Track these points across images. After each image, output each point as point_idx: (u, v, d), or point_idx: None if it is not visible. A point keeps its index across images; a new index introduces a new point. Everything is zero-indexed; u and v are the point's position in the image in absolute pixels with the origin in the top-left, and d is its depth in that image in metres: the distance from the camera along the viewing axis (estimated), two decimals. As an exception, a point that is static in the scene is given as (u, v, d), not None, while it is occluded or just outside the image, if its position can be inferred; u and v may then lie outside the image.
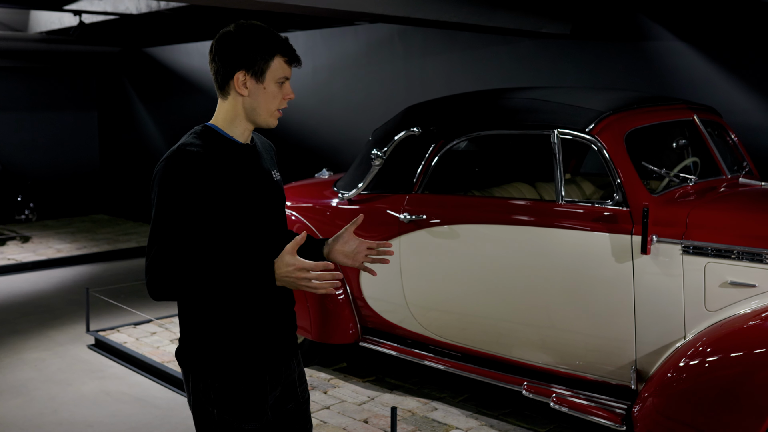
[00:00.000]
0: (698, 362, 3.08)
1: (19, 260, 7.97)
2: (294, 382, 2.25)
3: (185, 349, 2.12)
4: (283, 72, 2.07)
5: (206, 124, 2.11)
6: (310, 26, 7.47)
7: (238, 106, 2.08)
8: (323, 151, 7.81)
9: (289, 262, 1.94)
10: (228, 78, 2.06)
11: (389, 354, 4.27)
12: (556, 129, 3.59)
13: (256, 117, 2.08)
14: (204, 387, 2.08)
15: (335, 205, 4.51)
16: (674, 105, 3.93)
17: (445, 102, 4.34)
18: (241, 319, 2.08)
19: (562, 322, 3.58)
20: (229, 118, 2.09)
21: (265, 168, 2.16)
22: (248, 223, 2.05)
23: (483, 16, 4.76)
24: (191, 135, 2.06)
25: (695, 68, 5.16)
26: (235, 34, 2.05)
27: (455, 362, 4.00)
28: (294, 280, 1.94)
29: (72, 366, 4.96)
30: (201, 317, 2.07)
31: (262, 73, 2.04)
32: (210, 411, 2.07)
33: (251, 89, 2.05)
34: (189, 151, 1.98)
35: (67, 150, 11.06)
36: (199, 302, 2.04)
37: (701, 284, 3.18)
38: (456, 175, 4.36)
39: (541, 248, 3.60)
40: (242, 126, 2.10)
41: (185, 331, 2.12)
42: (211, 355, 2.07)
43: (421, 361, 4.13)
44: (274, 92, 2.07)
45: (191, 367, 2.10)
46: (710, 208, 3.35)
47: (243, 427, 2.07)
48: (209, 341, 2.07)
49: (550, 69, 5.89)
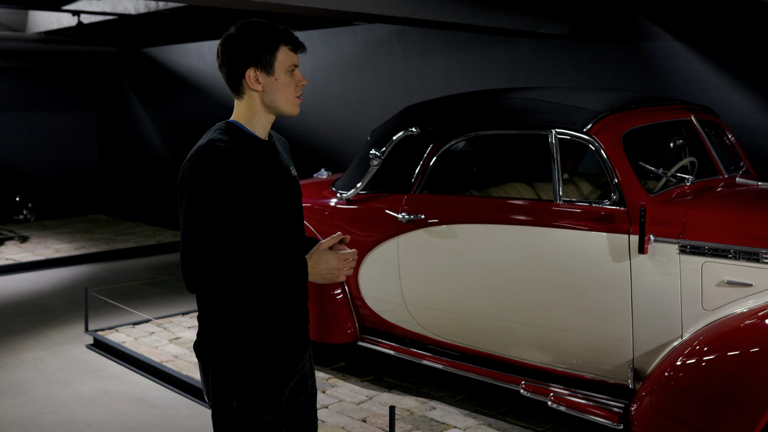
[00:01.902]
0: (695, 361, 3.09)
1: (17, 260, 7.98)
2: (305, 375, 2.30)
3: (205, 343, 2.15)
4: (290, 60, 2.11)
5: (229, 121, 2.16)
6: (308, 26, 7.47)
7: (255, 103, 2.12)
8: (322, 151, 7.81)
9: (331, 258, 2.09)
10: (240, 78, 2.10)
11: (387, 353, 4.29)
12: (553, 129, 3.61)
13: (278, 108, 2.13)
14: (224, 380, 2.12)
15: (333, 205, 4.52)
16: (671, 105, 3.95)
17: (444, 102, 4.36)
18: (261, 313, 2.11)
19: (559, 322, 3.59)
20: (249, 115, 2.14)
21: (284, 164, 2.21)
22: (272, 217, 2.10)
23: (481, 16, 4.77)
24: (216, 131, 2.10)
25: (693, 68, 5.18)
26: (237, 35, 2.09)
27: (453, 361, 4.01)
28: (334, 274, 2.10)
29: (71, 366, 4.97)
30: (221, 311, 2.11)
31: (271, 66, 2.09)
32: (230, 403, 2.11)
33: (264, 84, 2.10)
34: (218, 146, 2.02)
35: (66, 150, 11.06)
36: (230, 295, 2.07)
37: (698, 283, 3.20)
38: (454, 175, 4.37)
39: (539, 248, 3.61)
40: (263, 121, 2.15)
41: (204, 324, 2.15)
42: (232, 349, 2.10)
43: (420, 360, 4.14)
44: (287, 82, 2.12)
45: (211, 360, 2.13)
46: (707, 207, 3.36)
47: (262, 419, 2.12)
48: (230, 334, 2.10)
49: (548, 69, 5.90)
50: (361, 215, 4.33)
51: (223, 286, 2.00)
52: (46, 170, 10.77)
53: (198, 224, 1.97)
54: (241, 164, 2.03)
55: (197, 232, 1.97)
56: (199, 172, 1.99)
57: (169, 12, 7.61)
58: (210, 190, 1.97)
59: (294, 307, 2.19)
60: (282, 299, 2.14)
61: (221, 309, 2.10)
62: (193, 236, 1.97)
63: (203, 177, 1.98)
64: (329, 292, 4.44)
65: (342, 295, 4.45)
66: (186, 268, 1.99)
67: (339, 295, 4.45)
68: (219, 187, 1.98)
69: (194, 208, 1.98)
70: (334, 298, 4.44)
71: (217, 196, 1.97)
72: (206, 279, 1.98)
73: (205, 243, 1.96)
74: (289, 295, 2.15)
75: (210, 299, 2.11)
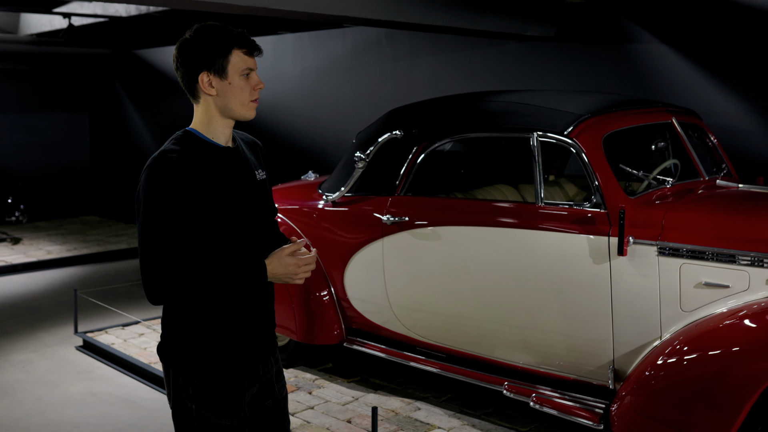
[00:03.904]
0: (674, 361, 3.13)
1: (9, 262, 7.98)
2: (272, 380, 2.30)
3: (166, 346, 2.18)
4: (245, 64, 2.11)
5: (186, 129, 2.16)
6: (298, 28, 7.49)
7: (210, 107, 2.13)
8: (312, 153, 7.84)
9: (290, 262, 2.09)
10: (194, 82, 2.11)
11: (373, 355, 4.31)
12: (535, 132, 3.64)
13: (232, 112, 2.13)
14: (183, 383, 2.14)
15: (320, 208, 4.55)
16: (653, 108, 3.98)
17: (428, 105, 4.39)
18: (222, 317, 2.14)
19: (542, 323, 3.63)
20: (206, 120, 2.14)
21: (247, 168, 2.20)
22: (232, 223, 2.11)
23: (467, 19, 4.80)
24: (171, 141, 2.12)
25: (677, 71, 5.22)
26: (191, 39, 2.11)
27: (438, 362, 4.04)
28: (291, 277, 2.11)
29: (60, 367, 4.99)
30: (183, 314, 2.13)
31: (224, 70, 2.09)
32: (188, 406, 2.13)
33: (218, 87, 2.10)
34: (169, 157, 2.03)
35: (58, 152, 11.07)
36: (192, 302, 2.10)
37: (676, 285, 3.23)
38: (439, 177, 4.40)
39: (522, 250, 3.64)
40: (220, 126, 2.15)
41: (167, 327, 2.18)
42: (191, 352, 2.13)
43: (405, 362, 4.17)
44: (241, 85, 2.11)
45: (172, 363, 2.16)
46: (686, 209, 3.40)
47: (220, 423, 2.13)
48: (190, 338, 2.13)
49: (535, 71, 5.94)
50: (347, 217, 4.36)
51: (183, 296, 2.03)
52: (39, 172, 10.77)
53: (152, 237, 1.99)
54: (194, 173, 2.03)
55: (152, 245, 1.99)
56: (150, 186, 2.01)
57: (159, 14, 7.63)
58: (162, 203, 1.99)
59: (255, 312, 2.21)
60: (242, 304, 2.16)
61: (182, 312, 2.13)
62: (149, 250, 2.00)
63: (155, 190, 2.00)
64: (315, 293, 4.47)
65: (328, 296, 4.47)
66: (145, 281, 2.01)
67: (325, 296, 4.47)
68: (170, 200, 1.99)
69: (148, 221, 2.01)
70: (321, 299, 4.47)
71: (169, 208, 1.99)
72: (166, 291, 2.01)
73: (161, 256, 1.98)
74: (249, 299, 2.17)
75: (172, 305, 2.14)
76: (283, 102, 7.97)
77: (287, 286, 4.50)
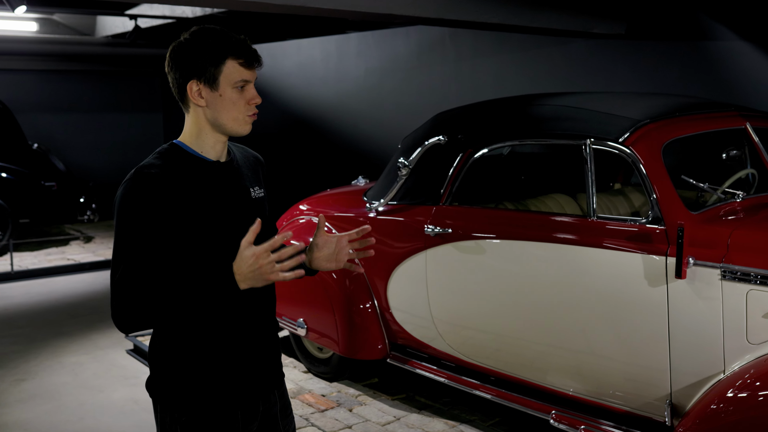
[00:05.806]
0: (744, 397, 2.78)
1: (78, 260, 8.13)
2: (275, 417, 2.09)
3: (154, 379, 1.99)
4: (239, 75, 1.89)
5: (173, 142, 1.97)
6: (361, 28, 7.33)
7: (200, 119, 1.93)
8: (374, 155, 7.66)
9: (248, 255, 1.76)
10: (183, 89, 1.92)
11: (416, 373, 4.08)
12: (587, 139, 3.32)
13: (222, 127, 1.93)
14: (171, 420, 1.95)
15: (363, 216, 4.34)
16: (724, 112, 3.59)
17: (474, 109, 4.12)
18: (210, 345, 1.93)
19: (592, 346, 3.31)
20: (195, 132, 1.95)
21: (241, 185, 2.00)
22: (217, 242, 1.90)
23: (524, 16, 4.50)
24: (153, 155, 1.94)
25: (761, 71, 4.77)
26: (185, 43, 1.91)
27: (481, 385, 3.77)
28: (259, 273, 1.77)
29: (108, 371, 4.96)
30: (169, 344, 1.95)
31: (215, 80, 1.88)
32: None
33: (207, 98, 1.90)
34: (145, 173, 1.85)
35: (132, 151, 11.27)
36: (166, 325, 1.91)
37: (743, 314, 2.86)
38: (488, 185, 4.13)
39: (572, 267, 3.34)
40: (211, 139, 1.95)
41: (154, 359, 1.99)
42: (178, 387, 1.94)
43: (448, 382, 3.92)
44: (233, 98, 1.90)
45: (159, 398, 1.98)
46: (756, 228, 3.02)
47: None
48: (178, 372, 1.94)
49: (604, 70, 5.57)
50: (389, 227, 4.14)
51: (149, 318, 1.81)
52: (111, 171, 10.99)
53: (121, 259, 1.81)
54: (173, 191, 1.84)
55: (120, 268, 1.80)
56: (122, 203, 1.83)
57: (224, 15, 7.61)
58: (132, 223, 1.81)
59: (249, 340, 1.99)
60: (231, 332, 1.95)
61: (169, 342, 1.94)
62: (117, 272, 1.81)
63: (126, 208, 1.82)
64: (358, 305, 4.27)
65: (371, 309, 4.27)
66: (112, 305, 1.82)
67: (369, 308, 4.27)
68: (142, 219, 1.80)
69: (118, 240, 1.83)
70: (364, 311, 4.26)
71: (140, 227, 1.80)
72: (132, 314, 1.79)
73: (129, 277, 1.79)
74: (238, 326, 1.96)
75: (159, 332, 1.95)
76: (346, 103, 7.81)
77: (328, 295, 4.32)
